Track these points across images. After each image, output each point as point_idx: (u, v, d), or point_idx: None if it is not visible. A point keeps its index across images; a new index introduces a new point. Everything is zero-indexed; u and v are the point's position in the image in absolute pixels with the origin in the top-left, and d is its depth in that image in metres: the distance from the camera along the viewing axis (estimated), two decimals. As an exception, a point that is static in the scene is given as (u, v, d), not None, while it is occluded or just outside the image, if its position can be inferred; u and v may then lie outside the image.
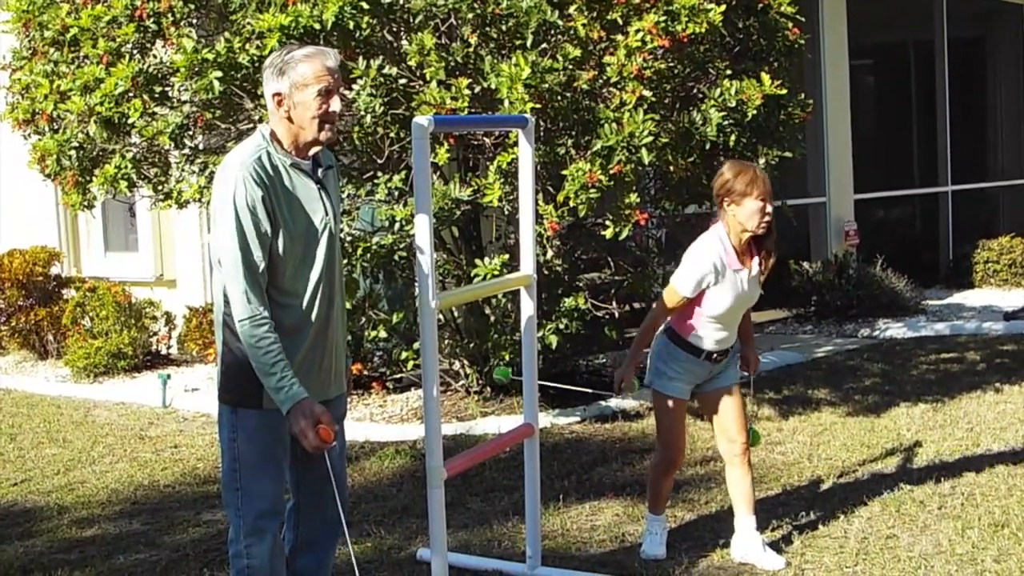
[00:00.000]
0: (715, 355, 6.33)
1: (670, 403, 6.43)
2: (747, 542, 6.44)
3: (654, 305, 6.37)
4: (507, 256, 8.64)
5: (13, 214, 15.02)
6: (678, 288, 6.22)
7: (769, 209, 6.15)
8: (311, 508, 5.19)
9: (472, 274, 8.72)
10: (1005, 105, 19.75)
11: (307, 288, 4.85)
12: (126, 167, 9.32)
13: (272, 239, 4.71)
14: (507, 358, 9.40)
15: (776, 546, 6.55)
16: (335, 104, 4.82)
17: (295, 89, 4.77)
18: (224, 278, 4.71)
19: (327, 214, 4.92)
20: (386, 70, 8.37)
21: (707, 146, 8.90)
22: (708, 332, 6.29)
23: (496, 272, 8.48)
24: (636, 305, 11.60)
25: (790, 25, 9.63)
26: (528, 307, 6.14)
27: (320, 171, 4.95)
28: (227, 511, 5.02)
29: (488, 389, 10.18)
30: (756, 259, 6.30)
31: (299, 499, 5.23)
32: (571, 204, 8.33)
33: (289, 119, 4.81)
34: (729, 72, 9.13)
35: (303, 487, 5.20)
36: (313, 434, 4.60)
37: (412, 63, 8.47)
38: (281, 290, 4.79)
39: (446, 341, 9.94)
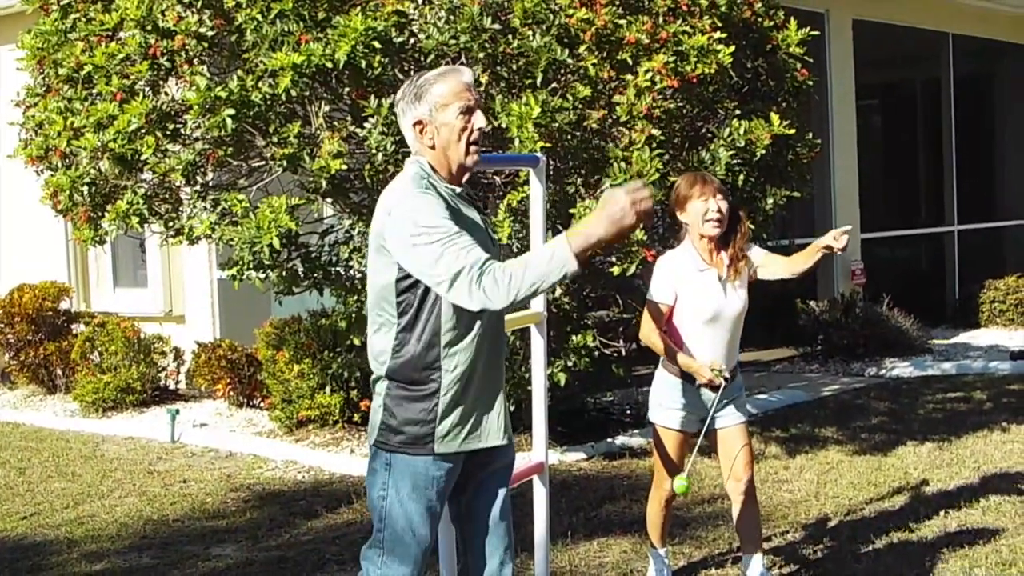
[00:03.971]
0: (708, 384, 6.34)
1: (669, 434, 6.46)
2: (755, 579, 6.46)
3: (641, 332, 6.43)
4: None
5: (23, 249, 15.07)
6: (652, 297, 6.33)
7: (714, 206, 6.19)
8: (479, 570, 4.88)
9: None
10: (1012, 144, 19.81)
11: (477, 328, 4.59)
12: (138, 203, 9.35)
13: None
14: (514, 394, 9.42)
15: (784, 584, 6.58)
16: (479, 120, 4.59)
17: (436, 111, 4.54)
18: (436, 274, 4.30)
19: (493, 245, 4.70)
20: (397, 108, 8.42)
21: (715, 185, 8.96)
22: (698, 354, 6.29)
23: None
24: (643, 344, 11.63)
25: (799, 66, 9.69)
26: (538, 344, 6.17)
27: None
28: (365, 562, 4.72)
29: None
30: (725, 258, 6.32)
31: (469, 561, 4.92)
32: (579, 242, 8.36)
33: (432, 147, 4.57)
34: (738, 112, 9.20)
35: (470, 549, 4.90)
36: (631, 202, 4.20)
37: (423, 102, 8.53)
38: (450, 326, 4.55)
39: (455, 377, 9.95)
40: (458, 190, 4.62)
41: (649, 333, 6.33)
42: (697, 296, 6.25)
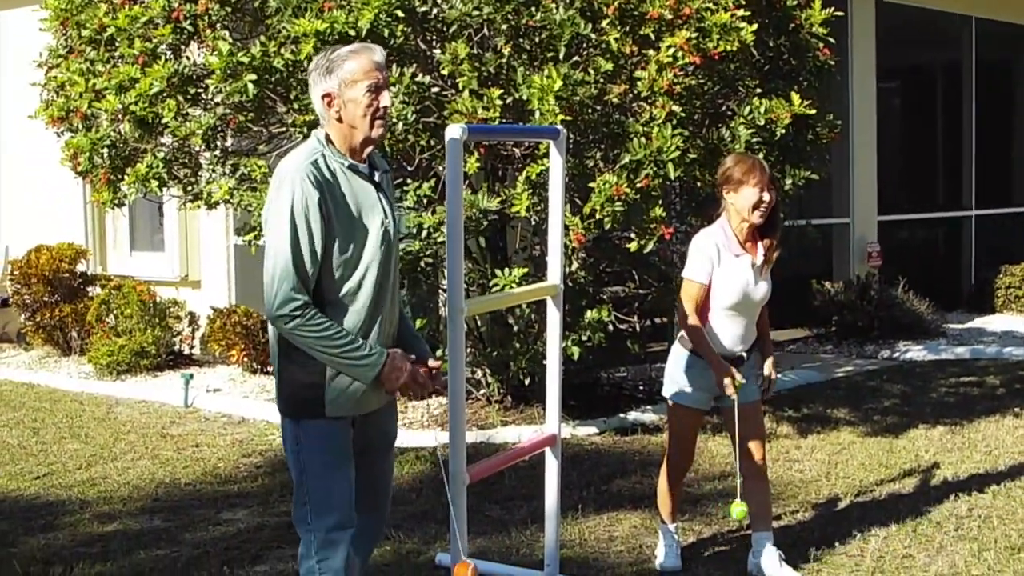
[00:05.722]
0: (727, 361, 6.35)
1: (684, 412, 6.48)
2: (763, 556, 6.46)
3: (678, 309, 6.39)
4: (527, 268, 8.69)
5: (41, 211, 15.10)
6: (690, 277, 6.28)
7: (767, 198, 6.21)
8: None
9: (491, 284, 8.76)
10: (1031, 130, 19.75)
11: (364, 293, 4.76)
12: (157, 167, 9.39)
13: (328, 244, 4.64)
14: (528, 367, 9.44)
15: (792, 562, 6.57)
16: (385, 99, 4.77)
17: (344, 87, 4.71)
18: (271, 278, 4.60)
19: (387, 217, 4.84)
20: (419, 78, 8.43)
21: (735, 163, 8.95)
22: (718, 332, 6.32)
23: (516, 283, 8.52)
24: (658, 320, 11.64)
25: (821, 46, 9.66)
26: (554, 317, 6.18)
27: (377, 174, 4.87)
28: (297, 527, 4.90)
29: (509, 398, 10.22)
30: (760, 248, 6.34)
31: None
32: (597, 216, 8.38)
33: (339, 119, 4.75)
34: (759, 90, 9.18)
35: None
36: (418, 380, 4.83)
37: (445, 72, 8.54)
38: (336, 295, 4.72)
39: (469, 349, 9.95)
40: (355, 163, 4.80)
41: (691, 316, 6.26)
42: (729, 280, 6.25)
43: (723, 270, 6.25)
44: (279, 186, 4.67)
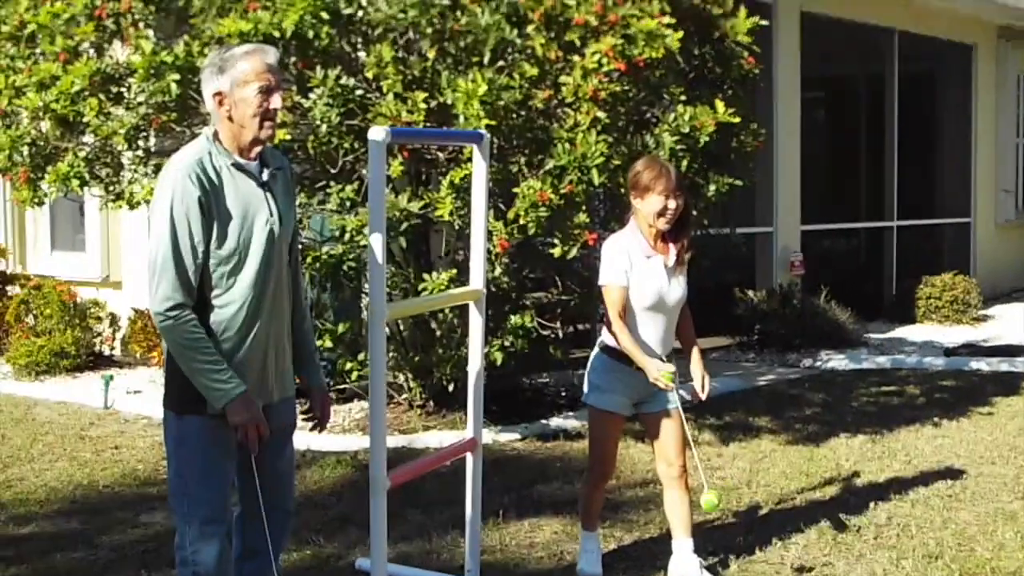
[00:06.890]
0: None
1: (604, 418, 6.47)
2: (684, 564, 6.47)
3: (606, 316, 6.37)
4: (455, 271, 8.66)
5: (-40, 209, 14.94)
6: (608, 282, 6.26)
7: (672, 206, 6.21)
8: (257, 516, 5.11)
9: (420, 288, 8.74)
10: (952, 143, 19.93)
11: (246, 289, 4.80)
12: (79, 166, 9.28)
13: (209, 241, 4.70)
14: (451, 372, 9.41)
15: (713, 569, 6.59)
16: (276, 101, 4.81)
17: (236, 87, 4.76)
18: (151, 275, 4.68)
19: (271, 215, 4.88)
20: (343, 81, 8.39)
21: (659, 170, 8.95)
22: (636, 336, 6.31)
23: (443, 287, 8.50)
24: (581, 326, 11.64)
25: (745, 54, 9.70)
26: (476, 322, 6.16)
27: (266, 172, 4.91)
28: (174, 517, 4.98)
29: (431, 403, 10.19)
30: (672, 249, 6.35)
31: (245, 506, 5.19)
32: (521, 222, 8.37)
33: (230, 118, 4.80)
34: (684, 98, 9.19)
35: (247, 495, 5.15)
36: (250, 434, 4.79)
37: (369, 75, 8.50)
38: (218, 290, 4.76)
39: (391, 354, 9.91)
40: (241, 162, 4.85)
41: (615, 321, 6.24)
42: (643, 282, 6.26)
43: (637, 273, 6.25)
44: (162, 184, 4.73)
